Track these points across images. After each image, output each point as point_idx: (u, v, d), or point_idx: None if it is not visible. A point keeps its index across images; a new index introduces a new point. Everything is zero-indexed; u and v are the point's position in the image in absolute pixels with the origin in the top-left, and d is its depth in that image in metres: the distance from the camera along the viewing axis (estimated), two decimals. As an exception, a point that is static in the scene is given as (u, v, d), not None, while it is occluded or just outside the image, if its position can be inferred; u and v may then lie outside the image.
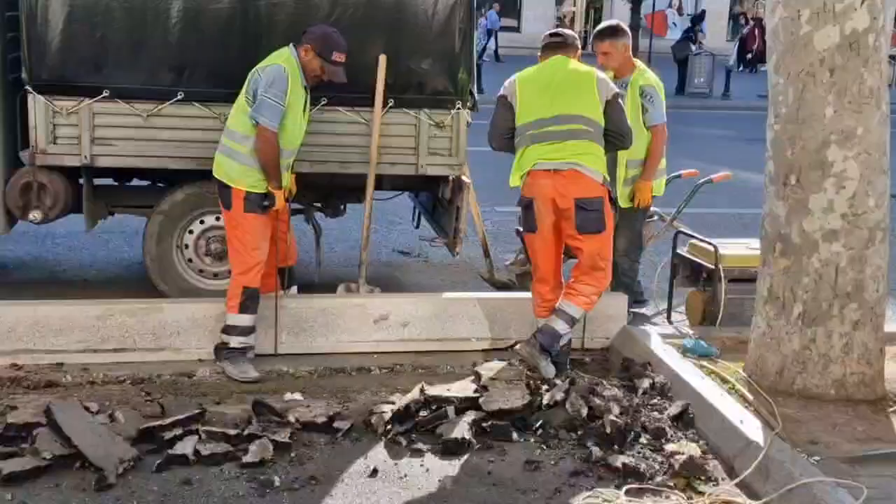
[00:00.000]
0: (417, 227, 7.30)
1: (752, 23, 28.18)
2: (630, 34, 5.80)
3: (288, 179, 5.14)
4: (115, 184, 6.20)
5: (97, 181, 5.96)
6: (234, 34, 5.50)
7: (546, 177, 4.86)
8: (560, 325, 4.88)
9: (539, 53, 5.14)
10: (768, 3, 4.50)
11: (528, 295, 5.86)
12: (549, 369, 4.79)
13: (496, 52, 29.45)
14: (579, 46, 5.15)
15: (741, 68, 26.99)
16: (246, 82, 4.88)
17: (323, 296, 5.53)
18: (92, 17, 5.42)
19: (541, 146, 4.88)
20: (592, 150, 4.85)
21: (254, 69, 4.87)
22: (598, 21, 36.68)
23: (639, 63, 5.78)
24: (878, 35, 4.27)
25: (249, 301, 4.95)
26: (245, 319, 4.96)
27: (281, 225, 5.19)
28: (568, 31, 5.29)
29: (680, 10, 34.54)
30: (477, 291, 6.43)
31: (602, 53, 5.66)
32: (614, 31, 5.66)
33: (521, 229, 5.24)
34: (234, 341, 4.96)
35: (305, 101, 5.02)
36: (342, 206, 6.44)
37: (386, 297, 5.54)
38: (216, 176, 4.96)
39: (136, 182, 6.31)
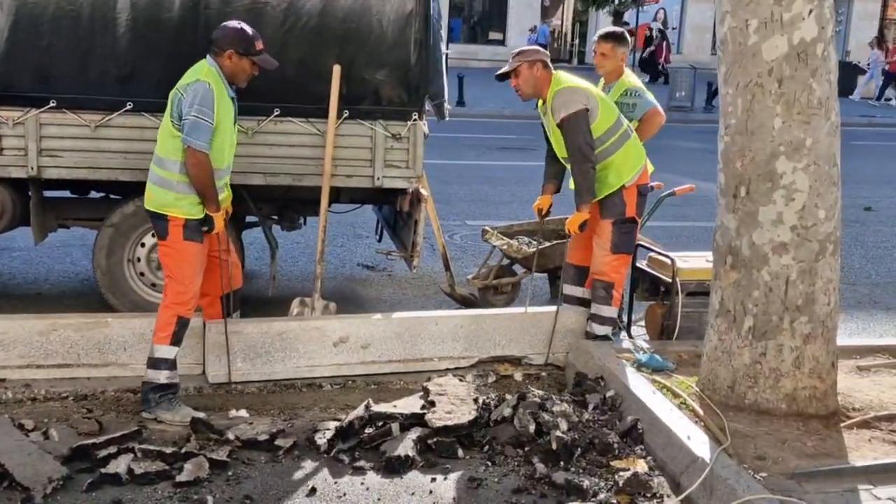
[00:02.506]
0: (380, 240, 7.20)
1: (657, 36, 29.63)
2: (629, 45, 5.93)
3: (226, 197, 4.92)
4: (65, 196, 6.09)
5: (48, 193, 5.86)
6: (184, 43, 5.40)
7: None
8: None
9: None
10: (717, 13, 4.44)
11: (489, 312, 5.78)
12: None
13: None
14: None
15: (652, 81, 28.15)
16: (168, 104, 4.64)
17: (279, 319, 5.36)
18: (38, 25, 5.32)
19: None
20: None
21: (174, 89, 4.63)
22: (583, 35, 36.92)
23: (627, 70, 5.91)
24: (827, 45, 4.21)
25: (182, 332, 4.69)
26: (174, 352, 4.68)
27: (220, 252, 4.91)
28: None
29: (664, 24, 34.66)
30: (440, 308, 6.37)
31: (601, 53, 5.82)
32: (618, 37, 5.84)
33: (633, 217, 5.37)
34: (164, 376, 4.62)
35: (235, 114, 4.80)
36: (300, 219, 6.35)
37: (345, 319, 5.38)
38: (148, 207, 4.70)
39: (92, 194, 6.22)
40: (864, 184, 12.31)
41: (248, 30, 4.70)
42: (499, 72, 5.36)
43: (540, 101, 5.38)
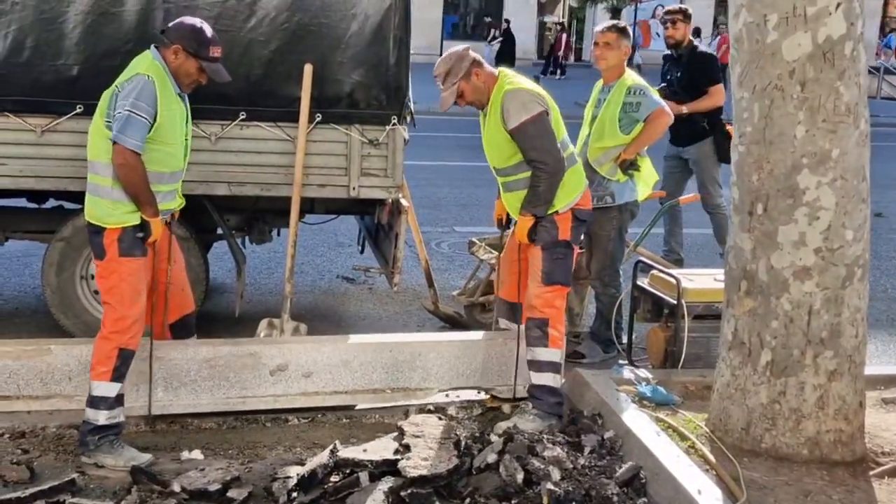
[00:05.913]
0: (362, 251, 6.71)
1: (558, 30, 31.53)
2: (631, 40, 5.58)
3: (178, 204, 4.41)
4: (11, 205, 5.59)
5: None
6: (140, 41, 4.87)
7: None
8: None
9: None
10: (731, 7, 3.94)
11: (450, 337, 5.22)
12: None
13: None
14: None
15: (549, 74, 29.03)
16: (103, 101, 4.13)
17: (207, 342, 4.76)
18: (-26, 21, 4.82)
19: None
20: None
21: (112, 85, 4.13)
22: (580, 32, 36.51)
23: (628, 70, 5.52)
24: (856, 43, 3.71)
25: (124, 366, 4.14)
26: (116, 388, 4.14)
27: (162, 264, 4.37)
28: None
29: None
30: (423, 326, 5.83)
31: (604, 44, 5.45)
32: (622, 29, 5.56)
33: (569, 241, 4.63)
34: (103, 417, 4.09)
35: (186, 114, 4.27)
36: (270, 231, 5.84)
37: (284, 345, 4.80)
38: (87, 220, 4.18)
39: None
40: (871, 187, 11.80)
41: (208, 32, 4.21)
42: (444, 106, 4.59)
43: None
